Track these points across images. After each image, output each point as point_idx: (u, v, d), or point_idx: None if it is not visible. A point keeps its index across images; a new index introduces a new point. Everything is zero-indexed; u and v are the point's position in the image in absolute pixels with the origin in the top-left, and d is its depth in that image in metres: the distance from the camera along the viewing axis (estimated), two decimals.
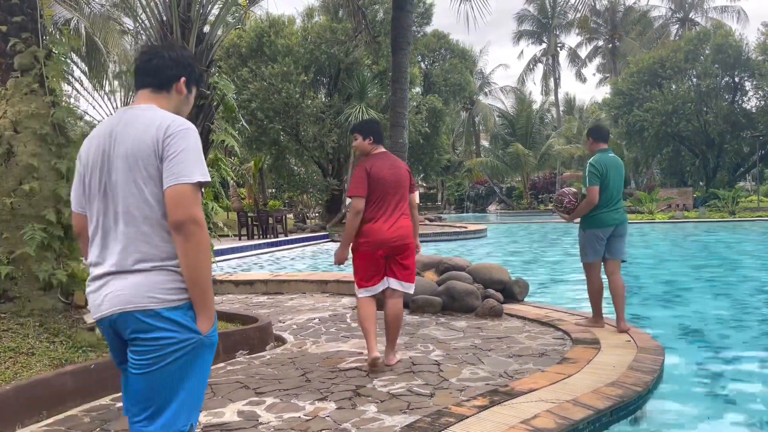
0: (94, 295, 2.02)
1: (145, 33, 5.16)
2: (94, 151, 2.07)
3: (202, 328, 1.99)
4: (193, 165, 1.94)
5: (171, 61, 2.16)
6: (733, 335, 5.60)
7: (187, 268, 1.94)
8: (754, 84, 31.99)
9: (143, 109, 2.06)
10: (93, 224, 2.07)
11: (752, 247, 14.34)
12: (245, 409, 3.62)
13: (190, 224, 1.90)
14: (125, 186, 1.98)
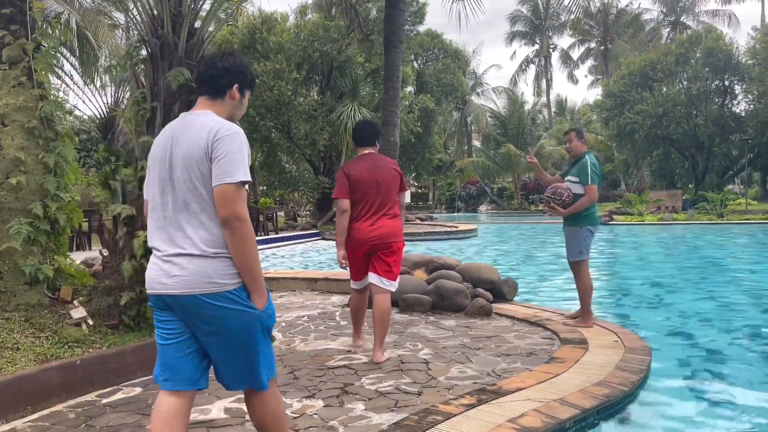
0: (156, 274, 2.31)
1: (135, 27, 5.12)
2: (160, 150, 2.39)
3: (257, 304, 2.31)
4: (237, 166, 2.22)
5: (224, 70, 2.43)
6: (720, 336, 5.63)
7: (236, 257, 2.25)
8: (743, 88, 32.24)
9: (199, 115, 2.37)
10: (156, 213, 2.36)
11: (739, 249, 14.45)
12: (232, 406, 3.61)
13: (233, 220, 2.21)
14: (184, 182, 2.28)
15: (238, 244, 2.24)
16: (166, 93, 4.69)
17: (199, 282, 2.24)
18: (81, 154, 28.42)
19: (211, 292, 2.24)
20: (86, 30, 14.16)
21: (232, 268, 2.27)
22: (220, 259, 2.26)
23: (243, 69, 2.49)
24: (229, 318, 2.27)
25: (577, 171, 5.51)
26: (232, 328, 2.29)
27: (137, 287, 4.50)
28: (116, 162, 5.13)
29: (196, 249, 2.26)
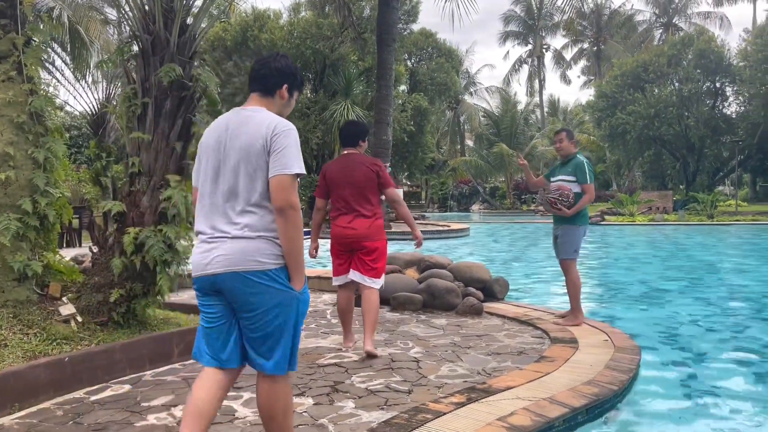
0: (201, 256, 2.48)
1: (127, 23, 5.08)
2: (214, 141, 2.55)
3: (295, 286, 2.46)
4: (293, 159, 2.41)
5: (276, 71, 2.63)
6: (709, 336, 5.67)
7: (284, 241, 2.41)
8: (734, 90, 32.49)
9: (254, 111, 2.55)
10: (205, 199, 2.53)
11: (729, 250, 14.55)
12: (222, 403, 3.59)
13: (288, 208, 2.39)
14: (238, 173, 2.45)
15: (290, 230, 2.41)
16: (158, 89, 4.67)
17: (242, 260, 2.39)
18: (72, 150, 28.26)
19: (252, 270, 2.39)
20: (77, 25, 14.05)
21: (274, 249, 2.43)
22: (261, 240, 2.42)
23: (293, 71, 2.70)
24: (267, 294, 2.41)
25: (573, 171, 5.56)
26: (270, 306, 2.42)
27: (127, 284, 4.48)
28: (107, 158, 5.12)
29: (239, 232, 2.42)
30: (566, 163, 5.67)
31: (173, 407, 3.54)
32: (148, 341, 4.35)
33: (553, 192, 5.53)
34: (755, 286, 8.73)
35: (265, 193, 2.44)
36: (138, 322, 4.63)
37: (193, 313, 5.50)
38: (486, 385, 3.79)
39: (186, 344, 4.59)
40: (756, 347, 5.26)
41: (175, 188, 4.52)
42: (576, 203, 5.49)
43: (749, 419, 3.57)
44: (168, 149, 4.68)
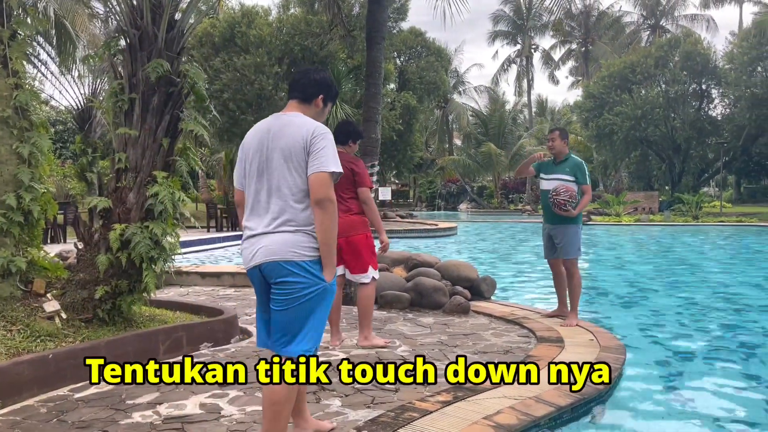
0: (248, 249, 2.73)
1: (114, 17, 5.04)
2: (256, 143, 2.79)
3: (326, 277, 2.69)
4: (330, 159, 2.65)
5: (314, 82, 2.91)
6: (694, 335, 5.72)
7: (321, 232, 2.65)
8: (720, 92, 32.81)
9: (294, 116, 2.80)
10: (251, 197, 2.78)
11: (713, 251, 14.70)
12: (208, 401, 3.58)
13: (326, 201, 2.62)
14: (280, 171, 2.70)
15: (326, 222, 2.64)
16: (145, 85, 4.63)
17: (282, 250, 2.64)
18: (57, 145, 28.00)
19: (290, 260, 2.63)
20: (64, 19, 13.91)
21: (311, 242, 2.67)
22: (301, 234, 2.67)
23: (330, 83, 2.97)
24: (301, 284, 2.63)
25: (573, 171, 5.57)
26: (301, 294, 2.64)
27: (113, 281, 4.45)
28: (93, 154, 5.09)
29: (282, 226, 2.66)
30: (562, 163, 5.65)
31: (158, 405, 3.52)
32: (133, 338, 4.32)
33: (562, 194, 5.48)
34: (739, 286, 8.83)
35: (305, 191, 2.68)
36: (123, 320, 4.60)
37: (179, 310, 5.47)
38: (472, 383, 3.80)
39: (172, 341, 4.56)
40: (739, 346, 5.32)
41: (162, 184, 4.50)
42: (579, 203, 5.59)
43: (733, 417, 3.61)
44: (155, 145, 4.65)
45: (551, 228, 5.70)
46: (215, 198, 28.59)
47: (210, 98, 21.52)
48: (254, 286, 2.81)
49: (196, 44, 21.52)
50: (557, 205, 5.51)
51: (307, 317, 2.67)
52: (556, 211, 5.54)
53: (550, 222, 5.72)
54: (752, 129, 29.84)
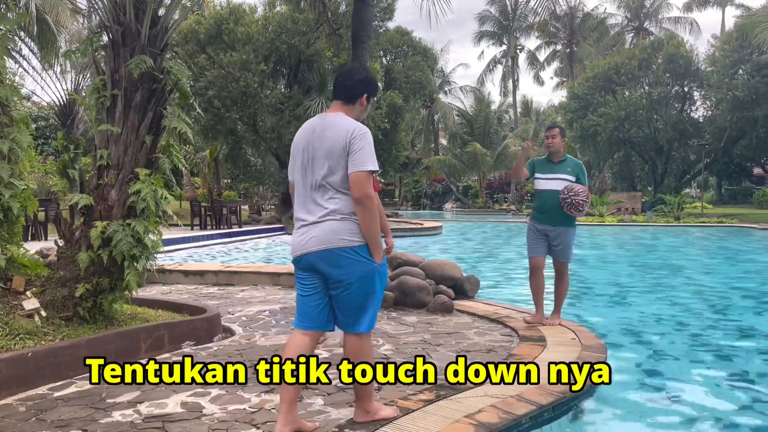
0: (300, 237, 3.01)
1: (97, 13, 4.99)
2: (302, 142, 3.07)
3: (375, 259, 2.98)
4: (368, 158, 2.90)
5: (359, 82, 3.12)
6: (674, 335, 5.79)
7: (363, 225, 2.93)
8: (702, 94, 33.19)
9: (336, 117, 3.04)
10: (299, 191, 3.06)
11: (694, 251, 14.87)
12: (189, 400, 3.56)
13: (365, 198, 2.89)
14: (323, 168, 2.96)
15: (366, 216, 2.91)
16: (128, 81, 4.59)
17: (332, 239, 2.92)
18: (39, 141, 27.66)
19: (340, 246, 2.92)
20: (46, 14, 13.74)
21: (356, 229, 2.94)
22: (346, 221, 2.94)
23: (372, 81, 3.18)
24: (353, 266, 2.93)
25: (574, 171, 5.42)
26: (356, 275, 2.94)
27: (94, 279, 4.41)
28: (75, 150, 5.04)
29: (328, 216, 2.94)
30: (562, 162, 5.47)
31: (139, 404, 3.49)
32: (114, 337, 4.28)
33: (581, 194, 5.24)
34: (719, 286, 8.94)
35: (346, 184, 2.93)
36: (104, 318, 4.56)
37: (161, 309, 5.43)
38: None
39: (154, 340, 4.53)
40: (720, 345, 5.39)
41: (144, 182, 4.46)
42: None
43: (713, 415, 3.66)
44: (138, 142, 4.61)
45: (552, 229, 5.45)
46: (199, 196, 28.42)
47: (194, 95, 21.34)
48: (300, 273, 3.06)
49: (181, 41, 21.35)
50: (575, 206, 5.25)
51: (366, 296, 2.99)
52: (569, 211, 5.28)
53: (551, 223, 5.44)
54: (733, 131, 30.22)
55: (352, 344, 3.06)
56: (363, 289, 2.97)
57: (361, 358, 3.06)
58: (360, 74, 3.15)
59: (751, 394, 4.07)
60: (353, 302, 2.98)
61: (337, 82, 3.15)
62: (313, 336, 3.08)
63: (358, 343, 3.05)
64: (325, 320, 3.08)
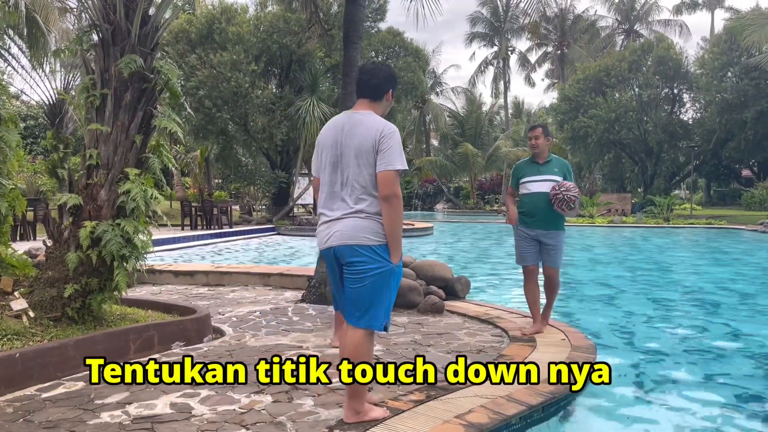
0: (324, 232, 3.12)
1: (87, 12, 4.96)
2: (331, 139, 3.14)
3: (393, 260, 3.05)
4: (397, 157, 2.98)
5: (384, 79, 3.20)
6: (663, 335, 5.83)
7: (387, 223, 3.00)
8: (691, 96, 33.41)
9: (365, 115, 3.11)
10: (326, 187, 3.15)
11: (683, 252, 14.97)
12: (178, 401, 3.55)
13: (392, 197, 2.96)
14: (352, 166, 3.04)
15: (392, 215, 2.99)
16: (118, 80, 4.57)
17: (354, 235, 3.00)
18: (27, 140, 27.45)
19: (361, 244, 3.00)
20: (35, 14, 13.64)
21: (379, 229, 3.02)
22: (371, 221, 3.02)
23: (395, 76, 3.28)
24: (371, 264, 3.00)
25: (561, 171, 5.17)
26: (370, 273, 3.00)
27: (82, 279, 4.38)
28: (64, 149, 5.01)
29: (354, 214, 3.02)
30: (548, 163, 5.21)
31: (127, 405, 3.47)
32: (103, 337, 4.26)
33: (572, 190, 4.97)
34: (707, 286, 9.01)
35: (374, 184, 3.01)
36: (93, 318, 4.53)
37: (151, 309, 5.40)
38: (445, 383, 3.82)
39: (143, 341, 4.51)
40: (709, 346, 5.43)
41: (134, 182, 4.44)
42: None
43: (701, 415, 3.69)
44: (127, 142, 4.59)
45: (544, 234, 5.16)
46: (190, 196, 28.30)
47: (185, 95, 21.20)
48: (327, 265, 3.21)
49: (172, 40, 21.26)
50: (566, 201, 4.95)
51: (376, 294, 3.04)
52: (559, 207, 4.99)
53: (543, 227, 5.15)
54: (722, 133, 30.44)
55: (354, 338, 3.07)
56: (375, 286, 3.02)
57: (360, 357, 3.06)
58: (384, 71, 3.22)
59: (739, 394, 4.11)
60: (363, 297, 3.03)
61: (363, 81, 3.20)
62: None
63: (360, 339, 3.07)
64: None
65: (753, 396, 4.06)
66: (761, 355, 5.11)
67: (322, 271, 6.69)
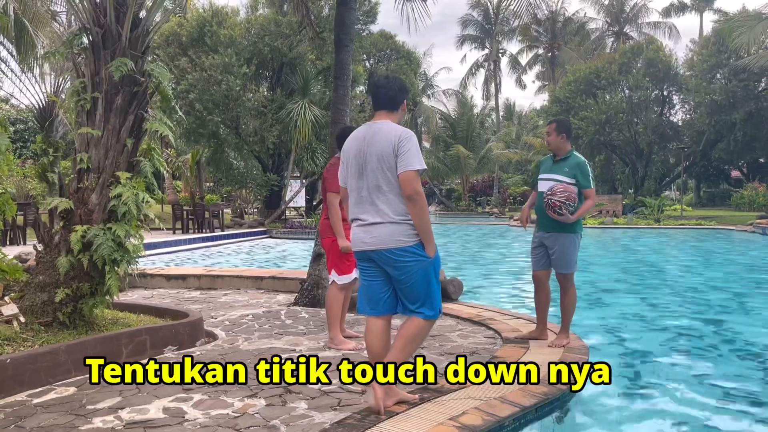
0: (360, 234, 3.35)
1: (77, 15, 4.94)
2: (354, 149, 3.39)
3: (429, 254, 3.31)
4: (415, 158, 3.22)
5: (398, 91, 3.47)
6: (655, 336, 5.85)
7: (416, 220, 3.25)
8: (681, 98, 33.62)
9: (384, 124, 3.36)
10: (354, 194, 3.38)
11: (674, 253, 15.05)
12: (171, 405, 3.53)
13: (415, 195, 3.20)
14: (376, 171, 3.27)
15: (418, 211, 3.23)
16: (109, 84, 4.56)
17: (390, 240, 3.26)
18: (17, 144, 27.27)
19: (397, 247, 3.26)
20: (24, 18, 13.57)
21: (411, 230, 3.26)
22: (403, 224, 3.26)
23: (407, 87, 3.57)
24: (410, 263, 3.27)
25: (573, 172, 4.80)
26: (413, 271, 3.28)
27: (74, 283, 4.36)
28: (54, 153, 4.98)
29: (386, 218, 3.26)
30: (561, 161, 4.89)
31: (120, 410, 3.45)
32: (94, 342, 4.23)
33: (558, 194, 4.67)
34: (699, 287, 9.06)
35: (398, 186, 3.24)
36: (85, 323, 4.51)
37: (143, 313, 5.38)
38: (438, 384, 3.82)
39: (135, 345, 4.49)
40: (701, 346, 5.46)
41: (125, 185, 4.43)
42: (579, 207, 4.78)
43: (694, 415, 3.71)
44: (119, 145, 4.58)
45: (545, 236, 4.91)
46: (182, 199, 28.20)
47: (176, 98, 21.10)
48: (361, 264, 3.42)
49: (162, 43, 21.18)
50: (551, 207, 4.71)
51: (424, 287, 3.32)
52: (549, 213, 4.75)
53: (543, 229, 4.93)
54: (711, 135, 30.65)
55: (412, 324, 3.35)
56: (421, 283, 3.30)
57: (414, 341, 3.36)
58: (397, 83, 3.48)
59: (731, 394, 4.13)
60: (415, 294, 3.33)
61: (380, 94, 3.44)
62: (386, 319, 3.43)
63: (420, 324, 3.36)
64: (392, 303, 3.43)
65: (744, 395, 4.09)
66: (752, 355, 5.15)
67: (314, 274, 6.68)
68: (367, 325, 3.45)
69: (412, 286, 3.31)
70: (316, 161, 22.01)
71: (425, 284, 3.33)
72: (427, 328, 3.42)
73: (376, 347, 3.41)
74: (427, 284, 3.33)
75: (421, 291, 3.33)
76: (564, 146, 4.93)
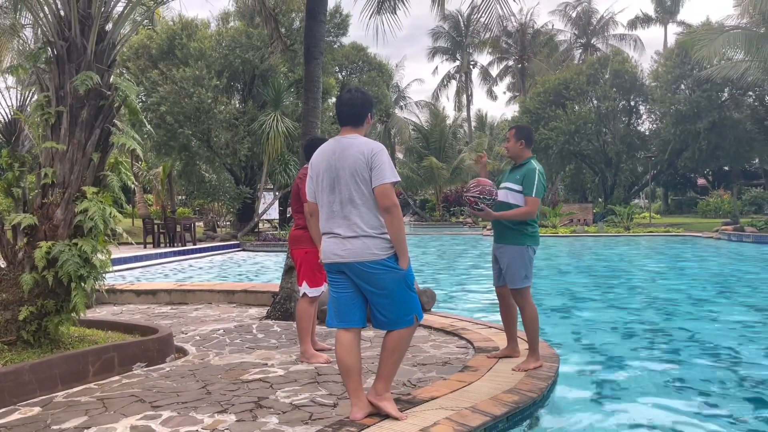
0: (332, 247, 3.32)
1: (41, 28, 4.87)
2: (324, 163, 3.37)
3: (402, 266, 3.30)
4: (388, 171, 3.24)
5: (361, 107, 3.44)
6: (624, 343, 5.94)
7: (392, 232, 3.26)
8: (647, 108, 34.32)
9: (352, 138, 3.36)
10: (325, 208, 3.36)
11: (643, 260, 15.31)
12: (139, 423, 3.47)
13: (392, 207, 3.22)
14: (350, 185, 3.26)
15: (395, 223, 3.24)
16: (74, 97, 4.50)
17: (363, 253, 3.24)
18: None
19: (371, 260, 3.24)
20: None
21: (385, 243, 3.27)
22: (377, 238, 3.26)
23: (371, 100, 3.53)
24: (382, 276, 3.26)
25: (521, 178, 4.50)
26: (385, 283, 3.28)
27: (38, 301, 4.27)
28: (20, 168, 4.88)
29: (360, 231, 3.25)
30: (516, 169, 4.65)
31: (86, 429, 3.38)
32: (60, 360, 4.15)
33: (472, 189, 4.40)
34: (667, 293, 9.22)
35: (372, 199, 3.25)
36: (50, 341, 4.41)
37: (111, 330, 5.29)
38: (410, 396, 3.82)
39: (103, 362, 4.40)
40: (669, 352, 5.55)
41: (92, 200, 4.36)
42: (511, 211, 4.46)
43: (663, 422, 3.76)
44: (84, 160, 4.51)
45: (496, 248, 4.65)
46: (152, 213, 27.84)
47: (147, 111, 20.89)
48: (331, 275, 3.41)
49: (132, 56, 20.99)
50: (468, 205, 4.47)
51: (400, 297, 3.32)
52: (471, 212, 4.51)
53: (495, 240, 4.68)
54: (677, 144, 31.31)
55: (395, 335, 3.36)
56: (397, 292, 3.31)
57: (400, 349, 3.39)
58: (359, 98, 3.45)
59: (701, 398, 4.21)
60: (394, 306, 3.32)
61: (342, 111, 3.43)
62: (355, 332, 3.39)
63: (403, 333, 3.38)
64: (362, 316, 3.40)
65: (711, 399, 4.17)
66: (719, 358, 5.25)
67: (287, 287, 6.65)
68: (336, 338, 3.42)
69: (389, 299, 3.30)
70: (289, 173, 21.96)
71: (401, 294, 3.33)
72: (409, 333, 3.42)
73: (347, 360, 3.36)
74: (402, 295, 3.33)
75: (398, 302, 3.32)
76: (522, 153, 4.62)
